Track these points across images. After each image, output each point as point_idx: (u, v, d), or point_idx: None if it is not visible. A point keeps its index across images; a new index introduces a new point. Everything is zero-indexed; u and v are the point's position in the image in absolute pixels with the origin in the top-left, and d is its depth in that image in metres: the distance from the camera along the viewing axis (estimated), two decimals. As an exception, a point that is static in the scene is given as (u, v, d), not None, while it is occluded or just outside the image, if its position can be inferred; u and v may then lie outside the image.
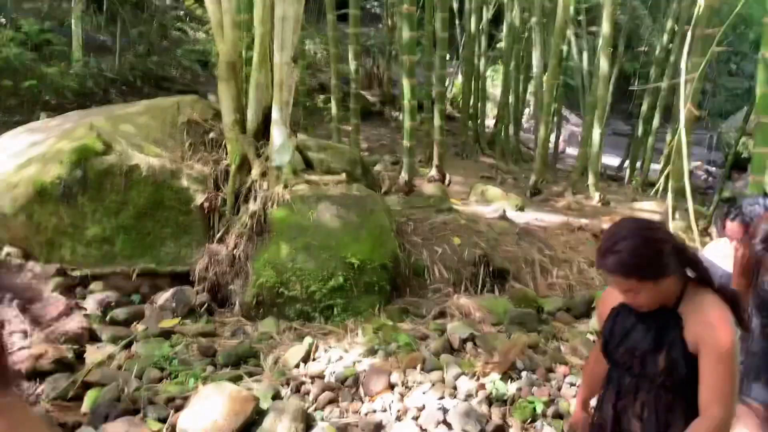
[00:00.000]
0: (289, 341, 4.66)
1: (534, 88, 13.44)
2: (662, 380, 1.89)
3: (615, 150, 16.70)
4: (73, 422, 3.75)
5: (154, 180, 5.30)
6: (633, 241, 1.79)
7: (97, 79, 13.40)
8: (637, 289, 1.83)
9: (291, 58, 5.19)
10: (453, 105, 15.28)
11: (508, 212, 7.22)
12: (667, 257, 1.82)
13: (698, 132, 19.48)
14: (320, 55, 16.63)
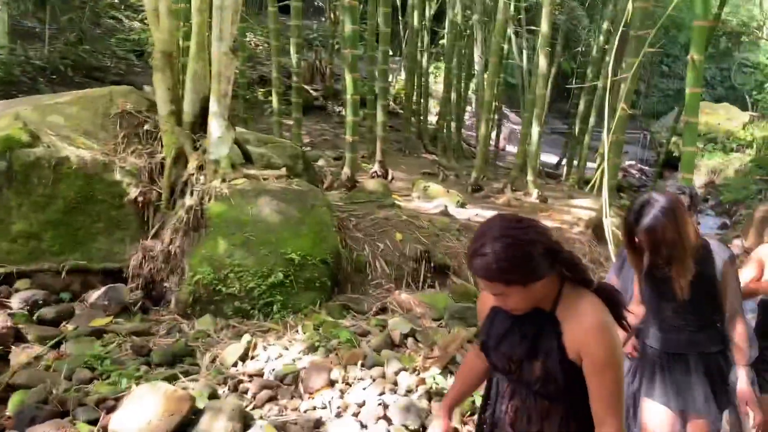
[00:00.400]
0: (227, 339, 4.57)
1: (476, 85, 13.61)
2: (538, 387, 1.81)
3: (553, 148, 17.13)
4: (-5, 427, 3.56)
5: (84, 173, 5.08)
6: (500, 242, 1.66)
7: (24, 67, 12.79)
8: (506, 292, 1.72)
9: (230, 48, 5.07)
10: (396, 101, 15.31)
11: (449, 208, 7.28)
12: (537, 259, 1.69)
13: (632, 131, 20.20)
14: (261, 47, 16.37)
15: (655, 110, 24.29)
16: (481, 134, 9.96)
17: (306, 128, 12.02)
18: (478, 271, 1.70)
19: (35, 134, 5.09)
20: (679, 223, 2.39)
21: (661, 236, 2.37)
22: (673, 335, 2.68)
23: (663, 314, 2.69)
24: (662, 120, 20.51)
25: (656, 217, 2.38)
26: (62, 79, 13.05)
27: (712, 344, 2.64)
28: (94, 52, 14.25)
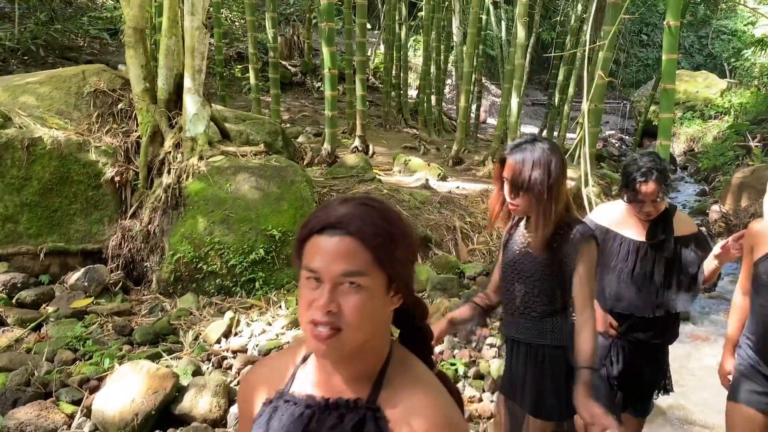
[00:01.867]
0: (210, 317, 4.57)
1: (455, 57, 13.54)
2: None
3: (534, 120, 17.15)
4: (-23, 411, 3.54)
5: (59, 153, 5.01)
6: None
7: (-6, 48, 12.50)
8: None
9: (202, 22, 4.98)
10: (376, 75, 15.20)
11: (430, 181, 7.28)
12: None
13: (612, 101, 20.26)
14: (237, 23, 16.12)
15: (635, 80, 24.38)
16: (461, 107, 9.93)
17: (285, 104, 11.92)
18: None
19: (6, 115, 4.99)
20: (551, 170, 2.06)
21: (528, 171, 2.06)
22: (514, 319, 2.31)
23: (513, 294, 2.30)
24: (641, 89, 20.58)
25: (529, 151, 2.08)
26: (35, 60, 12.78)
27: (543, 336, 2.24)
28: (66, 32, 13.96)
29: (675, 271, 2.74)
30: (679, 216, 2.80)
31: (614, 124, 19.27)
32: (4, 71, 11.46)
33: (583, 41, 11.03)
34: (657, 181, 2.58)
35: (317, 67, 14.59)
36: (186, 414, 3.41)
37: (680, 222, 2.77)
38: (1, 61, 12.54)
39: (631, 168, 2.63)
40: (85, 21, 14.53)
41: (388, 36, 12.45)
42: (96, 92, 5.50)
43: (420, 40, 16.60)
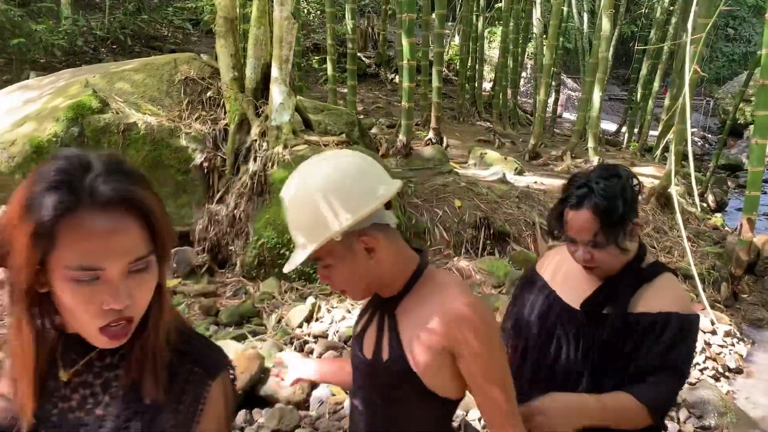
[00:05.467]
0: (291, 301, 4.66)
1: (534, 49, 13.28)
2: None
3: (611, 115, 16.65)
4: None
5: (152, 138, 5.21)
6: None
7: (86, 37, 13.12)
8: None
9: (291, 12, 5.06)
10: (449, 67, 15.08)
11: (507, 175, 7.18)
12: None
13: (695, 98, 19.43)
14: (313, 15, 16.33)
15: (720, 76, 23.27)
16: (540, 100, 9.73)
17: (359, 96, 12.00)
18: None
19: (104, 100, 5.23)
20: None
21: None
22: None
23: None
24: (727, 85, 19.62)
25: None
26: (122, 49, 13.35)
27: None
28: (151, 22, 14.50)
29: (614, 368, 1.63)
30: (660, 283, 1.68)
31: (695, 122, 18.48)
32: (94, 59, 12.03)
33: (670, 34, 10.62)
34: (595, 211, 1.57)
35: (391, 59, 14.62)
36: (270, 395, 3.50)
37: (656, 292, 1.65)
38: (92, 50, 13.15)
39: (568, 184, 1.68)
40: (169, 11, 15.06)
41: (464, 27, 12.32)
42: (186, 80, 5.69)
43: (496, 32, 16.37)
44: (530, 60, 15.81)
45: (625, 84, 18.56)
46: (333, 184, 1.24)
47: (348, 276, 1.30)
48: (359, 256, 1.28)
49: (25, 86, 6.23)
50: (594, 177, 1.61)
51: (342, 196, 1.23)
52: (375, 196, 1.26)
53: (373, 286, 1.35)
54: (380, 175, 1.30)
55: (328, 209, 1.24)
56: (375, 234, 1.28)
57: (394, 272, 1.33)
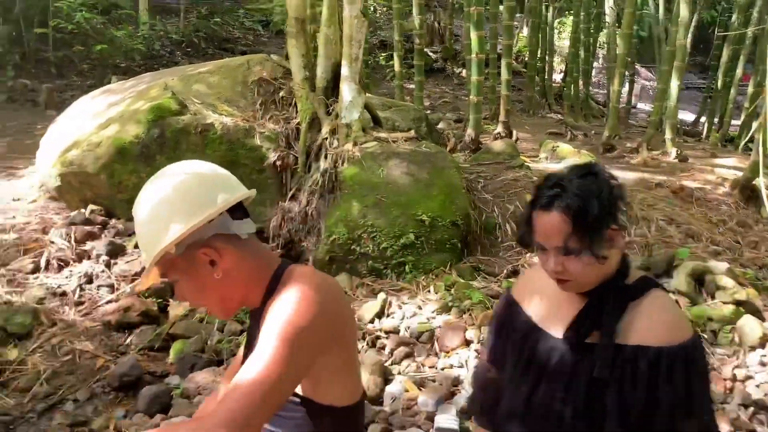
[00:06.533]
0: (363, 297, 4.71)
1: (606, 39, 12.89)
2: None
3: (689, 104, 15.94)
4: (161, 371, 3.93)
5: (228, 138, 5.38)
6: None
7: (163, 41, 13.66)
8: None
9: (360, 11, 5.11)
10: (518, 59, 14.84)
11: (580, 169, 6.99)
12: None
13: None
14: (380, 12, 16.40)
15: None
16: (614, 90, 9.43)
17: (426, 91, 11.97)
18: None
19: (183, 102, 5.43)
20: None
21: None
22: None
23: None
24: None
25: None
26: (196, 52, 13.82)
27: None
28: (224, 24, 14.92)
29: (612, 412, 1.39)
30: (651, 305, 1.43)
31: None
32: (171, 62, 12.51)
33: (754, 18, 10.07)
34: (566, 212, 1.37)
35: (458, 53, 14.51)
36: (345, 389, 3.55)
37: (648, 317, 1.41)
38: (168, 53, 13.67)
39: (540, 184, 1.46)
40: (240, 13, 15.47)
41: (533, 18, 12.08)
42: (259, 81, 5.84)
43: (566, 22, 15.98)
44: (602, 50, 15.33)
45: (704, 72, 17.73)
46: (163, 197, 1.22)
47: (196, 291, 1.26)
48: (202, 269, 1.23)
49: (108, 90, 6.55)
50: (567, 175, 1.42)
51: (172, 207, 1.20)
52: (210, 205, 1.21)
53: (231, 301, 1.29)
54: (220, 184, 1.25)
55: (159, 222, 1.20)
56: (218, 245, 1.23)
57: (249, 282, 1.28)
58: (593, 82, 14.79)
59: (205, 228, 1.21)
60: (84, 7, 11.91)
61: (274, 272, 1.28)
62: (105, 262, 4.77)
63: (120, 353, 4.04)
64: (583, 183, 1.38)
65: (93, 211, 5.27)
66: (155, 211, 1.21)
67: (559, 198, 1.37)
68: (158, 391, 3.55)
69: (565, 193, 1.37)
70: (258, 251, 1.30)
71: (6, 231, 4.96)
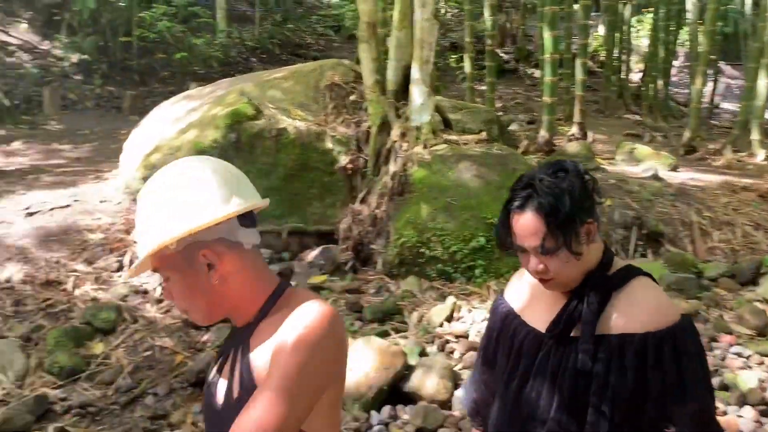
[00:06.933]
0: (432, 300, 4.69)
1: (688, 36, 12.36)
2: None
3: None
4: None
5: (300, 142, 5.49)
6: None
7: (239, 48, 14.08)
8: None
9: (432, 14, 5.10)
10: (593, 59, 14.45)
11: (660, 172, 6.74)
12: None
13: None
14: (450, 14, 16.34)
15: None
16: (695, 89, 9.02)
17: (497, 92, 11.82)
18: None
19: (258, 108, 5.58)
20: None
21: None
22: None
23: None
24: None
25: None
26: (270, 58, 14.17)
27: None
28: (297, 30, 15.25)
29: (595, 403, 1.37)
30: (633, 291, 1.41)
31: None
32: (246, 69, 12.88)
33: None
34: (539, 212, 1.37)
35: (531, 53, 14.27)
36: (414, 392, 3.55)
37: (630, 303, 1.40)
38: (244, 60, 14.09)
39: (513, 186, 1.46)
40: (313, 19, 15.76)
41: (609, 16, 11.73)
42: (331, 85, 5.93)
43: (644, 20, 15.43)
44: (683, 47, 14.71)
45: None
46: (173, 191, 1.16)
47: (186, 291, 1.20)
48: (199, 270, 1.17)
49: (188, 96, 6.80)
50: (538, 174, 1.41)
51: (180, 203, 1.14)
52: (219, 208, 1.15)
53: (218, 309, 1.23)
54: (237, 187, 1.19)
55: (164, 215, 1.15)
56: (220, 249, 1.17)
57: (243, 295, 1.22)
58: (673, 82, 14.20)
59: (211, 229, 1.15)
60: (165, 17, 12.44)
61: (273, 291, 1.23)
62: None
63: (197, 350, 4.18)
64: (553, 181, 1.38)
65: (173, 213, 5.49)
66: (164, 200, 1.16)
67: (531, 198, 1.38)
68: (233, 388, 3.65)
69: (536, 192, 1.37)
70: (259, 266, 1.24)
71: (93, 231, 5.24)
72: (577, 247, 1.38)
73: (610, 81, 11.78)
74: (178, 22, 12.86)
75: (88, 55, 12.31)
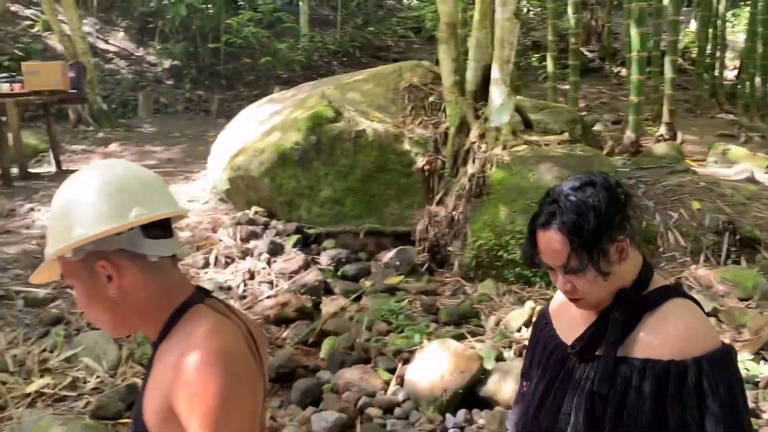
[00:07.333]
0: (510, 304, 4.62)
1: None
2: None
3: None
4: (313, 366, 4.11)
5: (378, 144, 5.54)
6: None
7: (320, 52, 14.37)
8: None
9: (513, 13, 5.03)
10: (684, 56, 13.81)
11: (756, 174, 6.37)
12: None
13: None
14: (532, 12, 16.05)
15: None
16: (798, 87, 8.45)
17: (581, 92, 11.51)
18: None
19: (338, 110, 5.67)
20: None
21: None
22: None
23: None
24: None
25: None
26: (351, 61, 14.38)
27: None
28: (377, 33, 15.40)
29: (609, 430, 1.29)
30: (667, 312, 1.30)
31: None
32: (327, 72, 13.13)
33: None
34: (562, 229, 1.29)
35: (617, 51, 13.81)
36: (490, 397, 3.50)
37: (660, 325, 1.29)
38: (325, 63, 14.36)
39: (540, 201, 1.39)
40: (393, 22, 15.87)
41: (702, 11, 11.18)
42: (410, 87, 5.95)
43: (740, 14, 14.61)
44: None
45: None
46: (78, 194, 1.12)
47: (88, 301, 1.16)
48: (98, 281, 1.13)
49: (272, 99, 7.02)
50: (564, 189, 1.32)
51: (83, 209, 1.10)
52: (121, 217, 1.10)
53: (122, 322, 1.18)
54: (141, 196, 1.13)
55: (66, 220, 1.11)
56: (120, 261, 1.12)
57: (147, 309, 1.16)
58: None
59: (112, 239, 1.10)
60: (251, 22, 12.86)
61: (176, 309, 1.16)
62: (266, 260, 5.11)
63: (277, 346, 4.29)
64: (579, 196, 1.29)
65: (256, 212, 5.67)
66: (67, 207, 1.13)
67: (555, 215, 1.28)
68: (310, 385, 3.73)
69: (560, 209, 1.28)
70: (167, 279, 1.17)
71: (182, 229, 5.49)
72: (606, 267, 1.27)
73: (702, 79, 11.22)
74: (263, 28, 13.28)
75: (179, 61, 12.92)
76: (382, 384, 3.76)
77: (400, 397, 3.63)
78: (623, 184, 1.35)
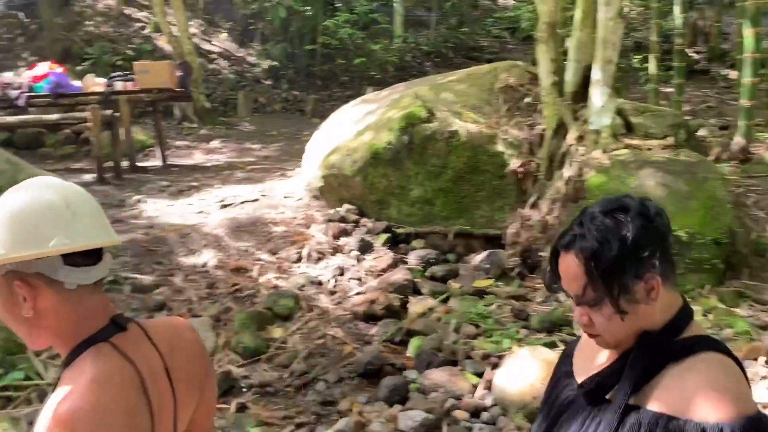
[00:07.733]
0: (604, 313, 4.45)
1: None
2: None
3: None
4: (400, 364, 4.12)
5: (471, 145, 5.49)
6: None
7: (413, 53, 14.42)
8: None
9: (617, 12, 4.85)
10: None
11: None
12: None
13: None
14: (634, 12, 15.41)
15: None
16: None
17: (685, 95, 10.94)
18: None
19: (431, 111, 5.67)
20: None
21: None
22: None
23: None
24: None
25: None
26: (443, 61, 14.34)
27: None
28: (471, 34, 15.28)
29: None
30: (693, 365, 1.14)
31: None
32: (420, 73, 13.15)
33: None
34: (580, 255, 1.16)
35: (726, 53, 13.05)
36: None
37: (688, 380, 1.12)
38: (417, 64, 14.40)
39: (572, 220, 1.25)
40: (488, 22, 15.70)
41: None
42: (505, 87, 5.86)
43: None
44: None
45: None
46: (3, 213, 1.12)
47: (6, 315, 1.18)
48: (14, 299, 1.14)
49: (365, 100, 7.11)
50: (594, 211, 1.18)
51: (4, 228, 1.11)
52: (39, 244, 1.10)
53: (39, 340, 1.20)
54: (65, 225, 1.12)
55: None
56: (36, 283, 1.12)
57: (58, 334, 1.17)
58: None
59: (30, 262, 1.12)
60: (347, 24, 13.09)
61: (82, 341, 1.16)
62: (356, 257, 5.19)
63: (366, 342, 4.34)
64: (606, 221, 1.15)
65: (348, 210, 5.76)
66: None
67: (576, 238, 1.16)
68: (397, 383, 3.75)
69: (583, 232, 1.16)
70: (81, 308, 1.17)
71: (277, 224, 5.67)
72: (627, 306, 1.14)
73: (823, 82, 10.37)
74: (358, 29, 13.48)
75: (277, 62, 13.33)
76: (470, 387, 3.73)
77: (487, 402, 3.58)
78: (665, 215, 1.22)
